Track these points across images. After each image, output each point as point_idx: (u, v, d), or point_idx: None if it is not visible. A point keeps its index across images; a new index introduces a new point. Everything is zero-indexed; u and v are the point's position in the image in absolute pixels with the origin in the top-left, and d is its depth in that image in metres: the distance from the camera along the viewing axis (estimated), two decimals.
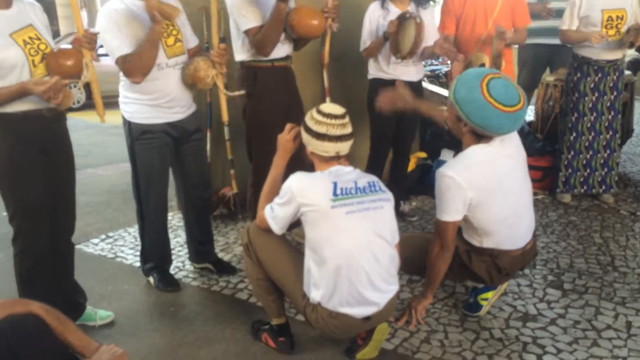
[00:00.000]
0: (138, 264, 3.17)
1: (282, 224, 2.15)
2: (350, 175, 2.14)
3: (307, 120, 2.17)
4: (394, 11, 3.46)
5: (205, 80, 2.66)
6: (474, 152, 2.36)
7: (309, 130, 2.14)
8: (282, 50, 3.07)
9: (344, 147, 2.14)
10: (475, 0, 3.61)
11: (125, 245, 3.54)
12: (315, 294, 2.11)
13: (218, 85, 2.74)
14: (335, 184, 2.06)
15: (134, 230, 3.73)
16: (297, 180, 2.08)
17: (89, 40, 2.29)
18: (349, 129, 2.16)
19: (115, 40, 2.53)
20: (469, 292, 2.76)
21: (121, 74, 2.65)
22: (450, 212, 2.35)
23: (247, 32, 2.97)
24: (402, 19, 3.29)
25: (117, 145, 6.43)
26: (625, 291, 2.84)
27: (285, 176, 2.18)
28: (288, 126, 2.32)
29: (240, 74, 3.12)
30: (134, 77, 2.58)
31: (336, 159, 2.16)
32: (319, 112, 2.15)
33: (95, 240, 3.63)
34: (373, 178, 2.20)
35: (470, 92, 2.24)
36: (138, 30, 2.56)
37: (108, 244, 3.58)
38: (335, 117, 2.13)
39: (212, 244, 3.17)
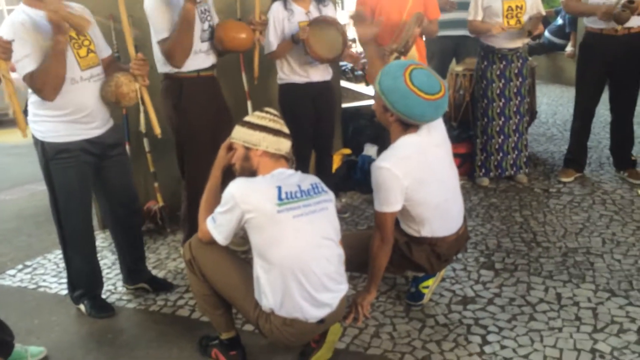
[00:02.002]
0: (64, 292, 2.98)
1: (227, 233, 2.08)
2: (293, 178, 2.13)
3: (257, 120, 2.16)
4: (298, 10, 3.42)
5: (130, 95, 2.54)
6: (405, 143, 2.44)
7: (263, 128, 2.13)
8: (207, 60, 2.96)
9: (290, 147, 2.19)
10: None
11: (46, 274, 3.30)
12: (267, 302, 2.07)
13: (144, 99, 2.61)
14: (279, 188, 2.04)
15: (54, 256, 3.49)
16: (239, 187, 2.04)
17: (4, 50, 2.11)
18: None
19: (21, 57, 2.34)
20: (410, 283, 2.82)
21: (30, 90, 2.47)
22: (390, 202, 2.40)
23: (159, 43, 2.83)
24: (317, 23, 3.27)
25: (19, 166, 5.99)
26: (550, 265, 3.02)
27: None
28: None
29: (165, 85, 2.98)
30: (45, 94, 2.40)
31: (283, 159, 2.17)
32: (268, 112, 2.19)
33: (12, 272, 3.36)
34: (315, 179, 2.20)
35: (394, 82, 2.33)
36: (45, 43, 2.38)
37: (27, 274, 3.32)
38: (281, 118, 2.21)
39: (144, 261, 3.03)
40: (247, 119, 2.20)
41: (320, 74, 3.57)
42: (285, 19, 3.40)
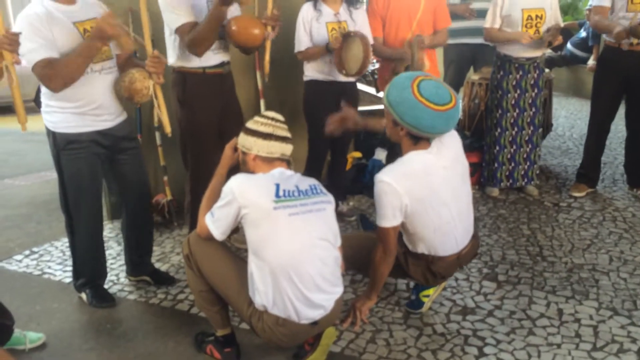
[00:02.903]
0: (68, 280, 3.01)
1: (224, 228, 2.10)
2: (292, 179, 2.14)
3: (251, 125, 2.20)
4: (327, 12, 3.46)
5: (143, 91, 2.56)
6: (412, 159, 2.37)
7: (254, 133, 2.16)
8: (214, 58, 2.98)
9: (288, 149, 2.20)
10: (399, 3, 3.66)
11: (52, 261, 3.34)
12: (259, 299, 2.08)
13: (158, 96, 2.63)
14: (277, 185, 2.05)
15: (61, 244, 3.54)
16: (239, 181, 2.06)
17: (10, 42, 2.15)
18: (289, 134, 2.22)
19: (33, 45, 2.38)
20: (411, 290, 2.81)
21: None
22: (388, 217, 2.35)
23: (178, 30, 2.85)
24: (347, 37, 3.32)
25: (36, 153, 6.10)
26: (554, 280, 2.98)
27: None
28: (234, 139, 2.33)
29: (173, 78, 3.02)
30: (53, 85, 2.43)
31: (280, 160, 2.18)
32: (263, 116, 2.21)
33: (19, 257, 3.41)
34: (313, 181, 2.21)
35: (401, 93, 2.28)
36: (60, 35, 2.43)
37: (33, 260, 3.37)
38: (278, 121, 2.21)
39: (150, 256, 3.05)
40: (246, 124, 2.23)
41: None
42: (313, 19, 3.44)
